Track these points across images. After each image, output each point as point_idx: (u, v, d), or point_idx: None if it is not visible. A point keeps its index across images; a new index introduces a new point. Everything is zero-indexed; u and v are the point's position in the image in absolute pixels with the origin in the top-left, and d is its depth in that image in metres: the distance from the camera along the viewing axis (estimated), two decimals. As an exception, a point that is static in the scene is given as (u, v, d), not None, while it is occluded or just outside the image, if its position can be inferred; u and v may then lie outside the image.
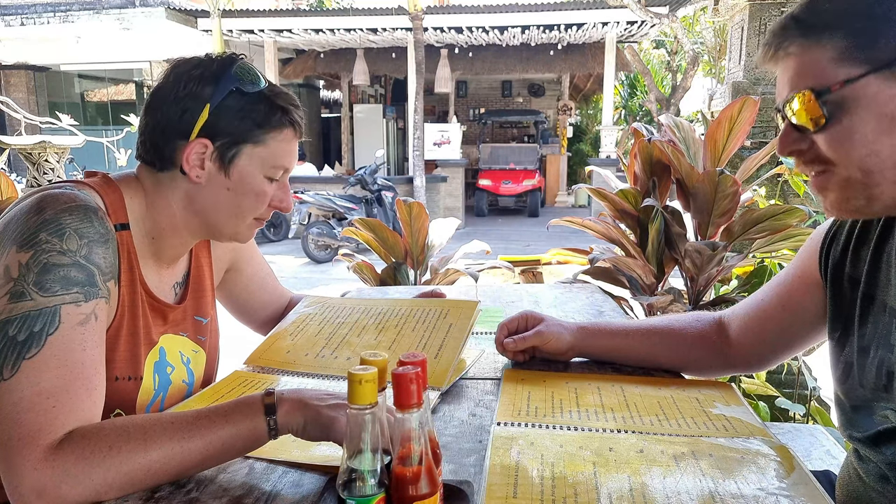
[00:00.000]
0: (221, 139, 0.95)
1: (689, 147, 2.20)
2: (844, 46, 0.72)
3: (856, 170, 0.74)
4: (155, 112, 0.96)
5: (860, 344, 0.87)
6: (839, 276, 0.92)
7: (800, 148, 0.78)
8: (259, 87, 0.97)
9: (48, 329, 0.78)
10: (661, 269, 2.13)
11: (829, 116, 0.73)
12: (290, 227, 8.93)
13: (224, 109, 0.94)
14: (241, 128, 0.95)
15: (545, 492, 0.72)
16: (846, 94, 0.72)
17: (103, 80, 14.30)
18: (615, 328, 1.18)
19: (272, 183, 1.01)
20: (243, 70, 0.97)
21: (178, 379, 1.06)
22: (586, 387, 1.04)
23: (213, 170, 0.97)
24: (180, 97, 0.94)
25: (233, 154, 0.96)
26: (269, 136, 0.97)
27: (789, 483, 0.74)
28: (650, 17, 8.85)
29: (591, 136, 16.34)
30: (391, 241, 2.57)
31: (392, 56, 12.46)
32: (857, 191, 0.75)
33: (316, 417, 0.77)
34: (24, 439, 0.72)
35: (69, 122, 5.57)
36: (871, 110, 0.71)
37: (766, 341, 1.07)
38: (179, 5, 11.24)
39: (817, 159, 0.77)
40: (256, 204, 1.00)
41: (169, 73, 0.97)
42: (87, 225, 0.86)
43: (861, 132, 0.72)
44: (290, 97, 1.00)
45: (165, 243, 1.02)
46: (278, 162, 0.99)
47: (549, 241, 7.92)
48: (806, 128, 0.76)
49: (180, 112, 0.94)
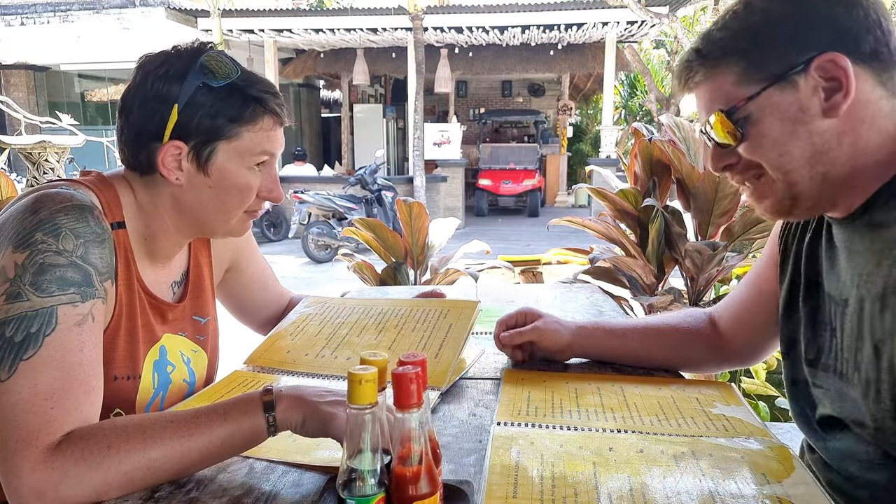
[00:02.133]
0: (195, 139, 0.92)
1: (690, 147, 2.20)
2: (742, 69, 0.80)
3: (776, 171, 0.81)
4: (127, 115, 0.94)
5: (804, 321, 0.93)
6: (788, 254, 0.98)
7: (730, 162, 0.86)
8: (229, 78, 0.92)
9: (45, 330, 0.77)
10: (662, 269, 2.13)
11: (742, 130, 0.81)
12: (290, 227, 8.93)
13: (193, 108, 0.91)
14: (213, 125, 0.92)
15: (545, 492, 0.72)
16: (751, 109, 0.80)
17: (103, 80, 14.30)
18: (612, 328, 1.18)
19: (258, 172, 0.98)
20: (211, 62, 0.92)
21: (178, 378, 1.06)
22: (586, 387, 1.03)
23: (191, 170, 0.94)
24: (149, 98, 0.91)
25: (209, 152, 0.93)
26: (245, 129, 0.93)
27: (789, 483, 0.74)
28: (650, 17, 8.84)
29: (591, 136, 16.33)
30: (391, 241, 2.57)
31: (392, 56, 12.46)
32: (783, 192, 0.83)
33: (314, 414, 0.77)
34: (22, 441, 0.72)
35: (69, 122, 5.57)
36: (774, 116, 0.79)
37: (753, 332, 1.10)
38: (179, 5, 11.23)
39: (749, 166, 0.84)
40: (242, 198, 0.98)
41: (137, 72, 0.94)
42: (83, 224, 0.85)
43: (770, 136, 0.80)
44: (265, 84, 0.96)
45: (158, 244, 1.01)
46: (258, 150, 0.96)
47: (549, 240, 7.92)
48: (728, 143, 0.83)
49: (150, 114, 0.91)
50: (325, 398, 0.79)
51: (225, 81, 0.92)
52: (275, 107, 0.96)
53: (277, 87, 1.01)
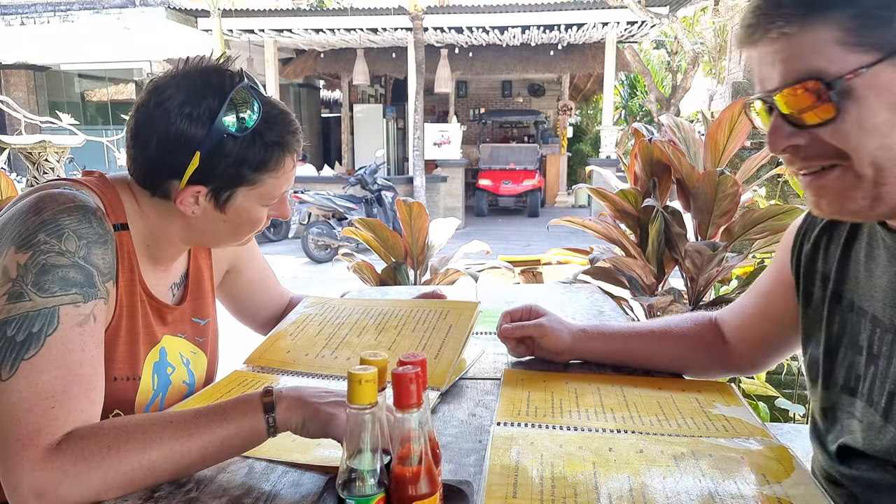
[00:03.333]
0: (214, 183, 0.92)
1: (690, 147, 2.20)
2: (853, 27, 0.62)
3: (868, 166, 0.66)
4: (143, 145, 0.90)
5: (827, 344, 0.85)
6: (811, 273, 0.90)
7: (797, 143, 0.69)
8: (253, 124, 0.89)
9: (47, 330, 0.78)
10: (662, 270, 2.13)
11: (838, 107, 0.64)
12: (290, 227, 8.93)
13: (217, 156, 0.89)
14: (237, 173, 0.91)
15: (545, 492, 0.72)
16: (857, 83, 0.63)
17: (103, 80, 14.30)
18: (614, 331, 1.16)
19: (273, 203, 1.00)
20: (237, 103, 0.89)
21: (178, 380, 1.06)
22: (586, 387, 1.03)
23: (208, 207, 0.95)
24: (170, 136, 0.88)
25: (228, 195, 0.94)
26: (268, 175, 0.94)
27: (789, 483, 0.74)
28: (650, 17, 8.84)
29: (591, 136, 16.33)
30: (391, 241, 2.57)
31: (392, 56, 12.46)
32: (865, 190, 0.68)
33: (315, 415, 0.77)
34: (22, 440, 0.72)
35: (69, 122, 5.57)
36: (882, 100, 0.63)
37: (754, 346, 1.06)
38: (179, 5, 11.23)
39: (823, 154, 0.68)
40: (254, 228, 1.01)
41: (149, 99, 0.89)
42: (86, 226, 0.85)
43: (872, 123, 0.64)
44: (287, 122, 0.94)
45: (160, 249, 1.01)
46: (275, 193, 0.97)
47: (549, 241, 7.92)
48: (808, 121, 0.66)
49: (170, 152, 0.89)
50: (325, 399, 0.79)
51: (249, 129, 0.89)
52: (295, 146, 0.96)
53: (277, 87, 1.00)
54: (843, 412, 0.82)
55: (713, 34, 12.18)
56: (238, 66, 0.94)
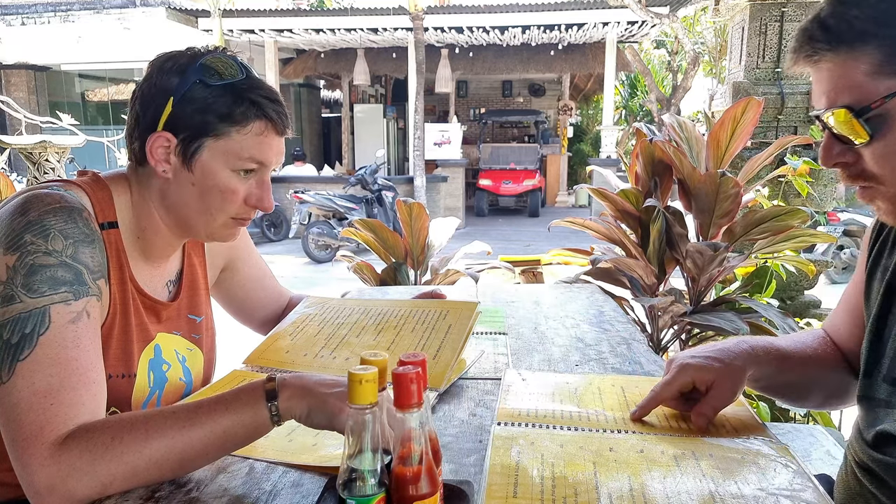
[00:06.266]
0: (184, 133, 0.92)
1: (692, 147, 2.20)
2: (881, 59, 0.67)
3: None
4: (132, 106, 0.96)
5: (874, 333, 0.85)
6: (875, 267, 0.89)
7: (845, 161, 0.74)
8: (231, 79, 0.92)
9: (39, 329, 0.78)
10: (663, 270, 2.13)
11: (873, 132, 0.68)
12: (290, 227, 8.93)
13: (187, 102, 0.91)
14: (202, 120, 0.91)
15: (545, 492, 0.72)
16: (889, 108, 0.67)
17: (104, 80, 14.30)
18: (785, 353, 0.96)
19: (245, 179, 0.96)
20: (216, 62, 0.92)
21: (174, 377, 1.06)
22: (586, 387, 1.03)
23: (177, 164, 0.94)
24: (152, 91, 0.93)
25: (195, 148, 0.92)
26: (234, 129, 0.92)
27: (789, 483, 0.73)
28: (651, 17, 8.84)
29: (592, 136, 16.33)
30: (391, 241, 2.57)
31: (392, 56, 12.46)
32: None
33: (321, 406, 0.76)
34: (28, 439, 0.74)
35: (70, 122, 5.57)
36: None
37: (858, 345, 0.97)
38: (180, 5, 11.24)
39: (862, 174, 0.73)
40: (224, 202, 0.96)
41: (148, 68, 0.96)
42: (72, 225, 0.86)
43: None
44: (267, 91, 0.95)
45: (151, 242, 1.01)
46: (245, 155, 0.93)
47: (549, 241, 7.91)
48: (851, 140, 0.71)
49: (149, 105, 0.93)
50: (332, 389, 0.77)
51: (223, 81, 0.92)
52: (271, 112, 0.94)
53: (278, 87, 1.01)
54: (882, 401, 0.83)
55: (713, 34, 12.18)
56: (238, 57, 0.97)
